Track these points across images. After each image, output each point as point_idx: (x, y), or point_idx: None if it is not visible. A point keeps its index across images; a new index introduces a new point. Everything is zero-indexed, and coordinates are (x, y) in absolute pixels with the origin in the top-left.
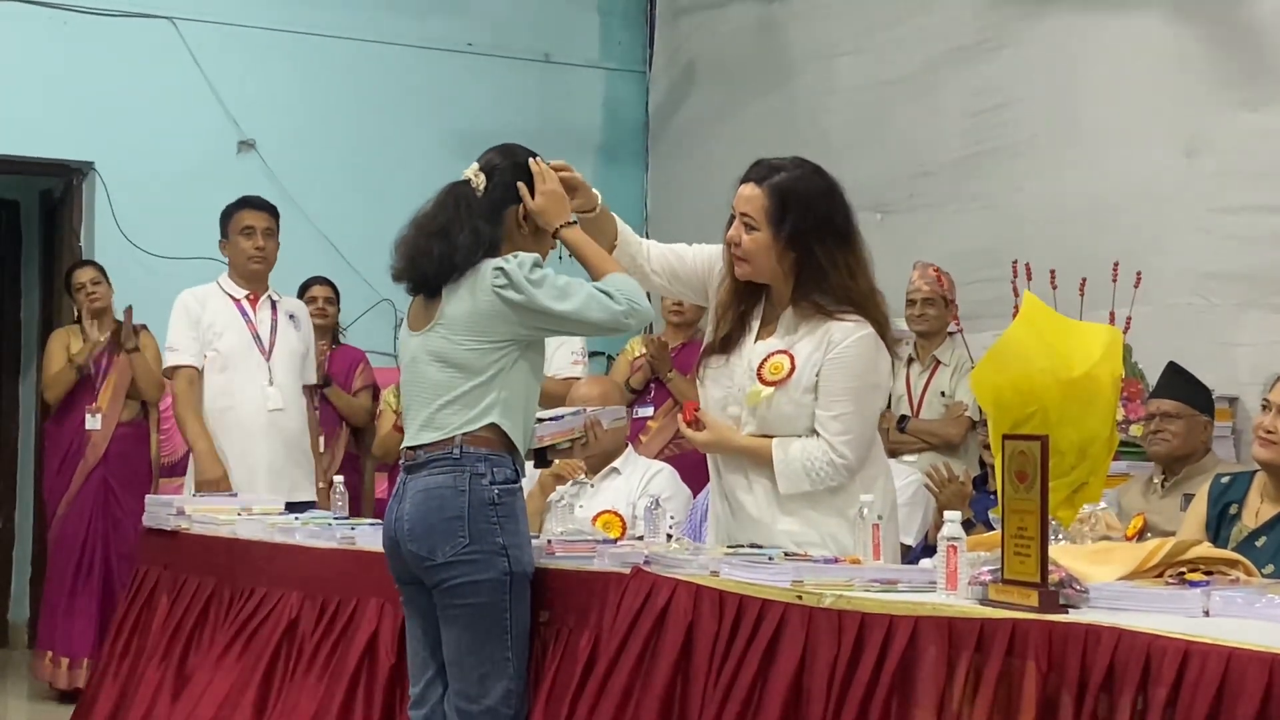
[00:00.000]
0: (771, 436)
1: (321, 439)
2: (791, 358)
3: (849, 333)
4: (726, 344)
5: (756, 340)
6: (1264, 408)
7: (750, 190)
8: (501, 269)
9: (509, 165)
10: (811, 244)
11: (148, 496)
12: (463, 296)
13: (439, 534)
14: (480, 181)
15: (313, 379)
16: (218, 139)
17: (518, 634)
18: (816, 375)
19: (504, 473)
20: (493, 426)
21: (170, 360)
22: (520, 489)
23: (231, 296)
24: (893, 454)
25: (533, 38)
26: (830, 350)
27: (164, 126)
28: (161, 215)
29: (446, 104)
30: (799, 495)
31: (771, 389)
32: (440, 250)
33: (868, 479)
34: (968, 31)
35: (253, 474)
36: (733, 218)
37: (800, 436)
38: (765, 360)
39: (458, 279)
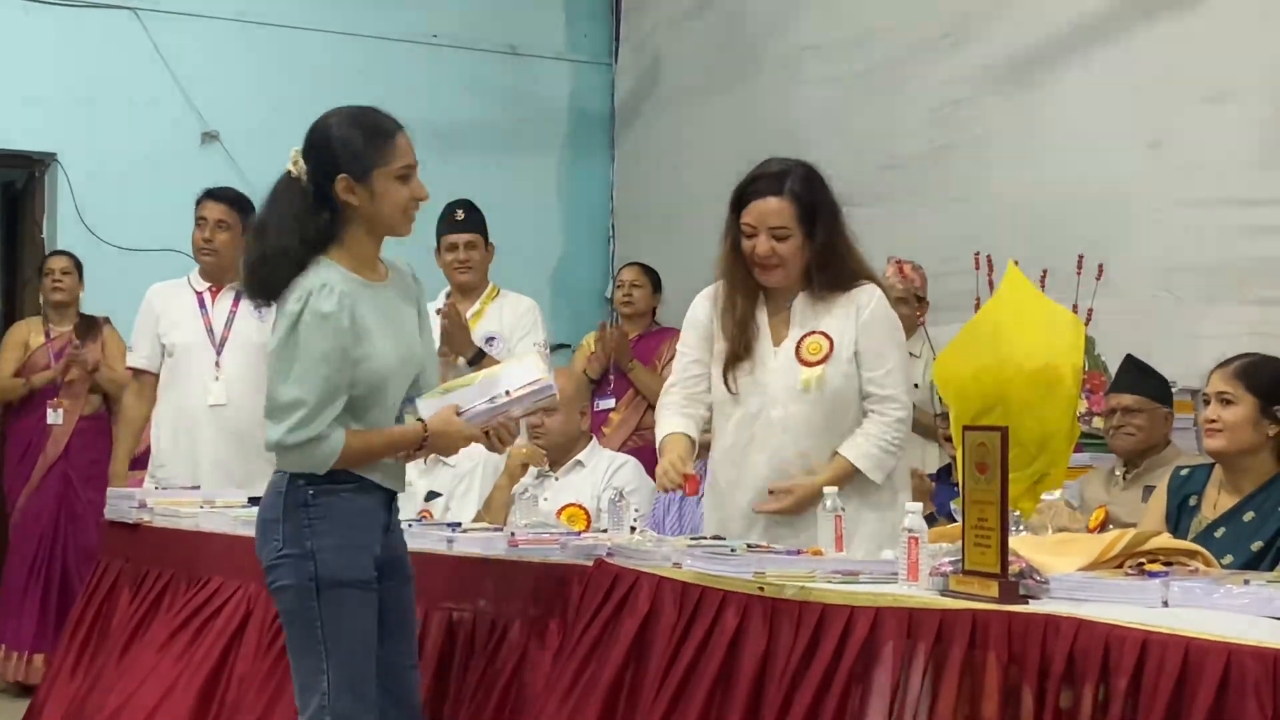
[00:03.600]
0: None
1: None
2: (826, 335)
3: (872, 295)
4: (747, 352)
5: (776, 346)
6: (1205, 402)
7: (775, 203)
8: (305, 301)
9: (318, 137)
10: (833, 234)
11: (109, 489)
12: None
13: (262, 535)
14: (300, 169)
15: None
16: (181, 130)
17: (337, 648)
18: (854, 344)
19: (332, 474)
20: None
21: (129, 360)
22: (348, 491)
23: (195, 290)
24: None
25: (498, 29)
26: (861, 315)
27: (127, 118)
28: (125, 207)
29: (412, 96)
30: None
31: (821, 367)
32: (262, 253)
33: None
34: (933, 25)
35: (196, 467)
36: (743, 235)
37: (851, 415)
38: (800, 345)
39: (294, 279)
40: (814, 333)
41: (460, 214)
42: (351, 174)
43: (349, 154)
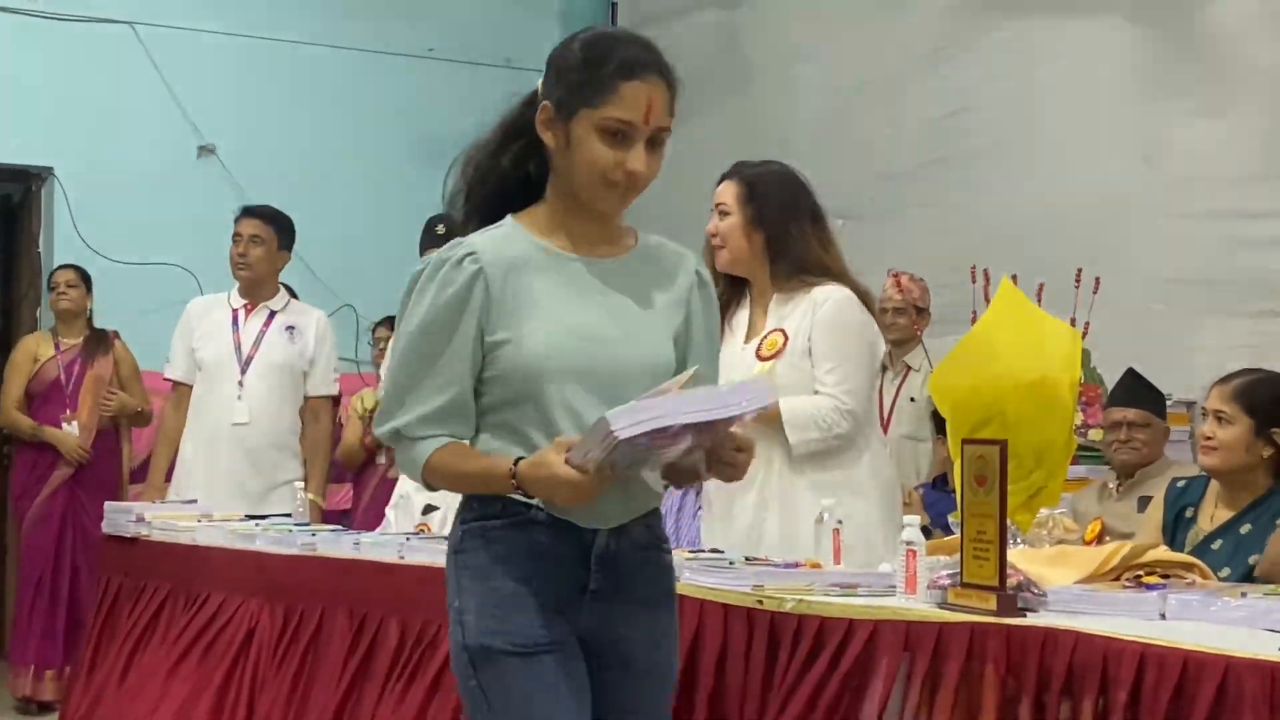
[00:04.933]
0: None
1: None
2: (783, 331)
3: (829, 294)
4: None
5: (745, 344)
6: (1203, 416)
7: (724, 185)
8: (428, 262)
9: (557, 51)
10: (785, 222)
11: (107, 503)
12: None
13: None
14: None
15: (323, 390)
16: (178, 144)
17: None
18: (808, 340)
19: (483, 507)
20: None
21: (166, 371)
22: (500, 528)
23: (232, 306)
24: None
25: (494, 43)
26: (816, 313)
27: (124, 132)
28: (121, 221)
29: (407, 109)
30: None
31: (771, 362)
32: (455, 178)
33: (862, 448)
34: (928, 38)
35: (213, 482)
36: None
37: None
38: (761, 342)
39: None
40: (776, 330)
41: (441, 228)
42: (555, 104)
43: (562, 78)
